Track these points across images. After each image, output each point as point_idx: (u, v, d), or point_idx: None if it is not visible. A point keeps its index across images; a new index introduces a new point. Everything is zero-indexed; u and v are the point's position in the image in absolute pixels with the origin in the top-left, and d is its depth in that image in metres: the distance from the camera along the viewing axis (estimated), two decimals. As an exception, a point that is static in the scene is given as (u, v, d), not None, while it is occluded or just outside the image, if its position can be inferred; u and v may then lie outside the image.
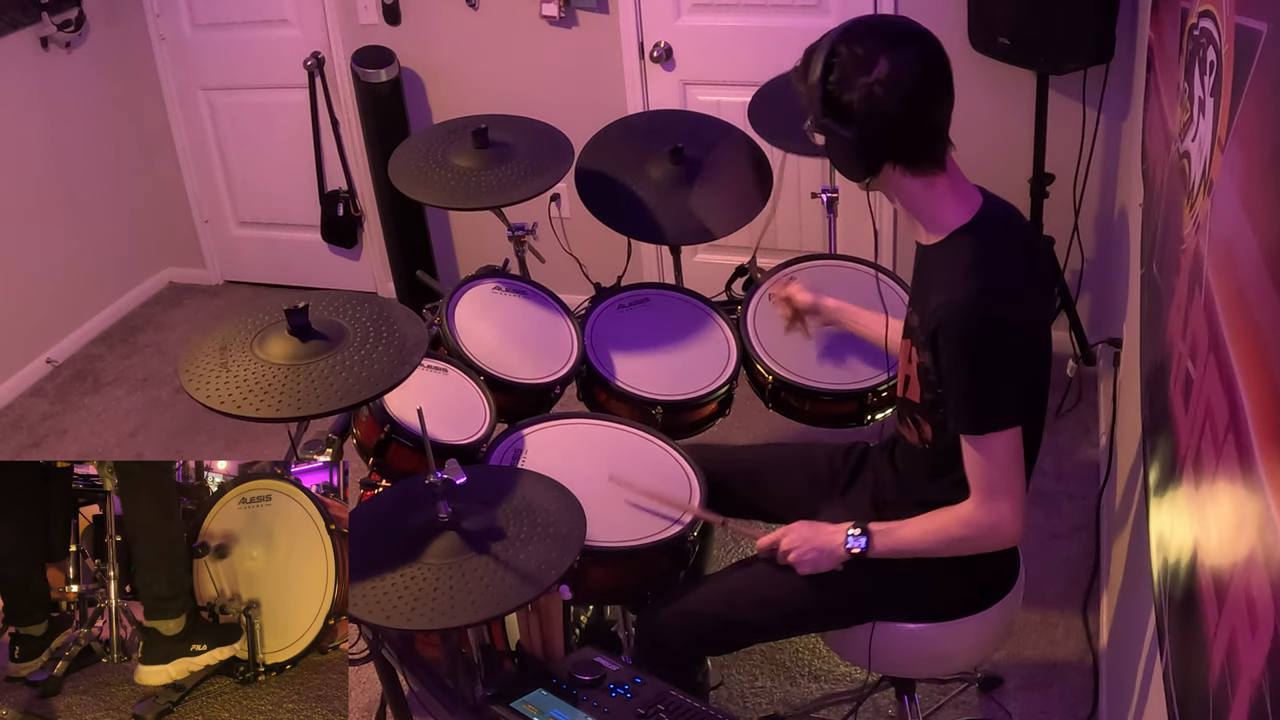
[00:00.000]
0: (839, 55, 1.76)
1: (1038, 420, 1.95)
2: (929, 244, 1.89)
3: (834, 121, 1.78)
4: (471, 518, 1.83)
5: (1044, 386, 1.94)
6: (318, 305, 1.95)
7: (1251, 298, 1.12)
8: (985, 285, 1.77)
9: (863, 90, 1.74)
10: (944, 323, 1.79)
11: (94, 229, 4.49)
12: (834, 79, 1.76)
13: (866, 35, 1.77)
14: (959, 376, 1.80)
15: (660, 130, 2.85)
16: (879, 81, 1.73)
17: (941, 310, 1.79)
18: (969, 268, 1.79)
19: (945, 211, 1.85)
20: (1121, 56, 3.22)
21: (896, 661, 2.12)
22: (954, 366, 1.80)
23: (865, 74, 1.74)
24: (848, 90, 1.75)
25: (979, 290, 1.77)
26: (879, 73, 1.73)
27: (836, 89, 1.76)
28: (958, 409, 1.83)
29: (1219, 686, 1.11)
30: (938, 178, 1.83)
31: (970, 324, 1.77)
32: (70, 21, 4.17)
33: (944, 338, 1.80)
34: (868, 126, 1.77)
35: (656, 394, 2.46)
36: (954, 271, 1.80)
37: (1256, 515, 1.03)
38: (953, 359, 1.80)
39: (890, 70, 1.73)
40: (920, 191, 1.84)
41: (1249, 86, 1.26)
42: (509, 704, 1.72)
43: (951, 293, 1.78)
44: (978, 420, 1.81)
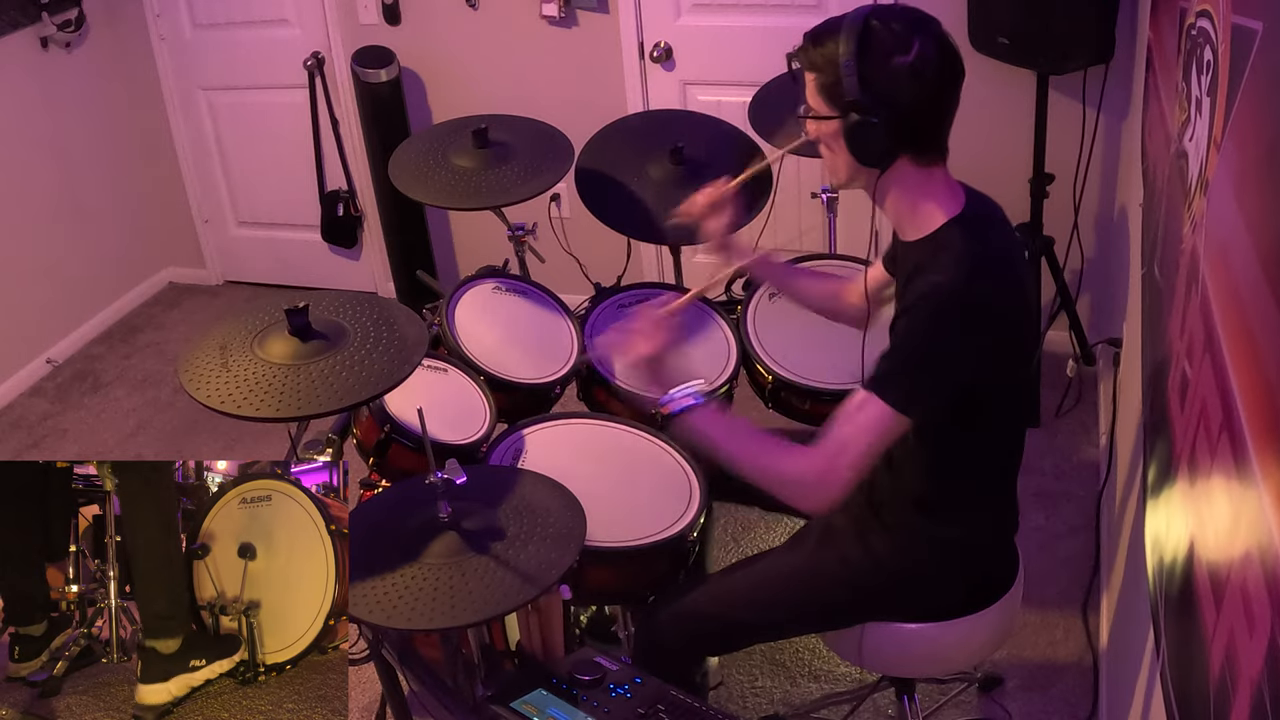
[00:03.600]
0: (873, 33, 1.68)
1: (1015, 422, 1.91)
2: (913, 239, 1.83)
3: (867, 100, 1.69)
4: (471, 518, 1.83)
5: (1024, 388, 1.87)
6: (318, 305, 1.96)
7: (1246, 297, 1.13)
8: (971, 278, 1.71)
9: (900, 70, 1.68)
10: (920, 301, 1.72)
11: (94, 229, 4.49)
12: (869, 57, 1.68)
13: (895, 16, 1.71)
14: (911, 352, 1.72)
15: (660, 130, 2.85)
16: (915, 62, 1.67)
17: (929, 290, 1.72)
18: (958, 259, 1.73)
19: (937, 204, 1.79)
20: (1121, 56, 3.22)
21: (896, 661, 2.12)
22: (909, 343, 1.73)
23: (903, 53, 1.68)
24: (882, 69, 1.67)
25: (964, 281, 1.71)
26: (915, 53, 1.67)
27: (872, 68, 1.68)
28: (888, 372, 1.72)
29: (1219, 686, 1.12)
30: (936, 168, 1.79)
31: (945, 309, 1.71)
32: (70, 21, 4.17)
33: (913, 313, 1.72)
34: (897, 108, 1.70)
35: (656, 394, 2.46)
36: (942, 261, 1.74)
37: (1251, 515, 1.03)
38: (911, 336, 1.72)
39: (922, 51, 1.68)
40: (919, 183, 1.79)
41: (1244, 86, 1.26)
42: (509, 704, 1.72)
43: (944, 274, 1.72)
44: (898, 391, 1.70)
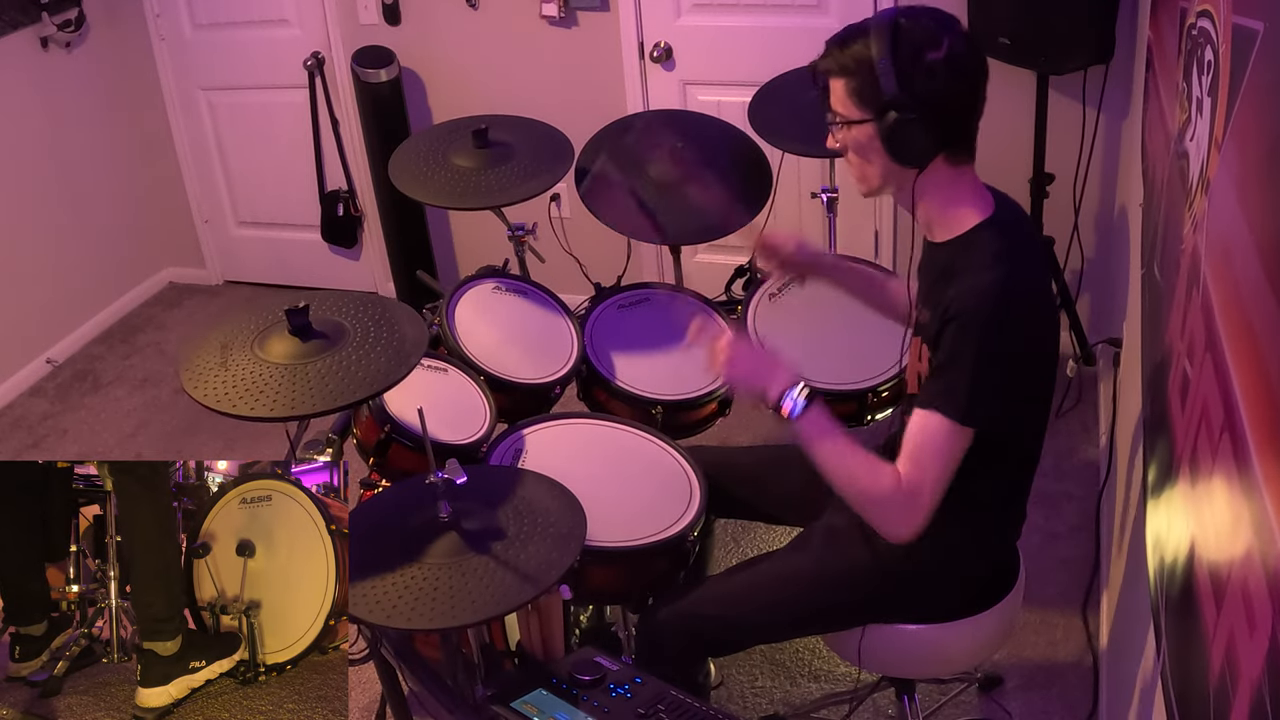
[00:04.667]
0: (904, 30, 1.69)
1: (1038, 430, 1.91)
2: (943, 240, 1.83)
3: (905, 97, 1.68)
4: (472, 518, 1.83)
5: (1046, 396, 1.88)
6: (318, 305, 1.96)
7: (1248, 297, 1.13)
8: (1012, 278, 1.71)
9: (933, 67, 1.68)
10: (966, 308, 1.71)
11: (94, 229, 4.49)
12: (904, 54, 1.68)
13: (922, 14, 1.72)
14: (963, 363, 1.72)
15: (660, 130, 2.85)
16: (948, 58, 1.68)
17: (965, 296, 1.72)
18: (996, 259, 1.73)
19: (969, 205, 1.79)
20: (1121, 56, 3.22)
21: (896, 662, 2.12)
22: (960, 353, 1.73)
23: (935, 49, 1.68)
24: (918, 65, 1.68)
25: (1006, 282, 1.71)
26: (946, 48, 1.68)
27: (906, 65, 1.68)
28: (945, 388, 1.74)
29: (1219, 686, 1.12)
30: (966, 168, 1.79)
31: (992, 314, 1.70)
32: (70, 21, 4.17)
33: (959, 321, 1.72)
34: (935, 104, 1.69)
35: (656, 394, 2.46)
36: (980, 261, 1.73)
37: (1252, 515, 1.03)
38: (961, 346, 1.72)
39: (953, 46, 1.69)
40: (950, 183, 1.79)
41: (1246, 86, 1.26)
42: (509, 704, 1.72)
43: (978, 278, 1.72)
44: (958, 405, 1.72)
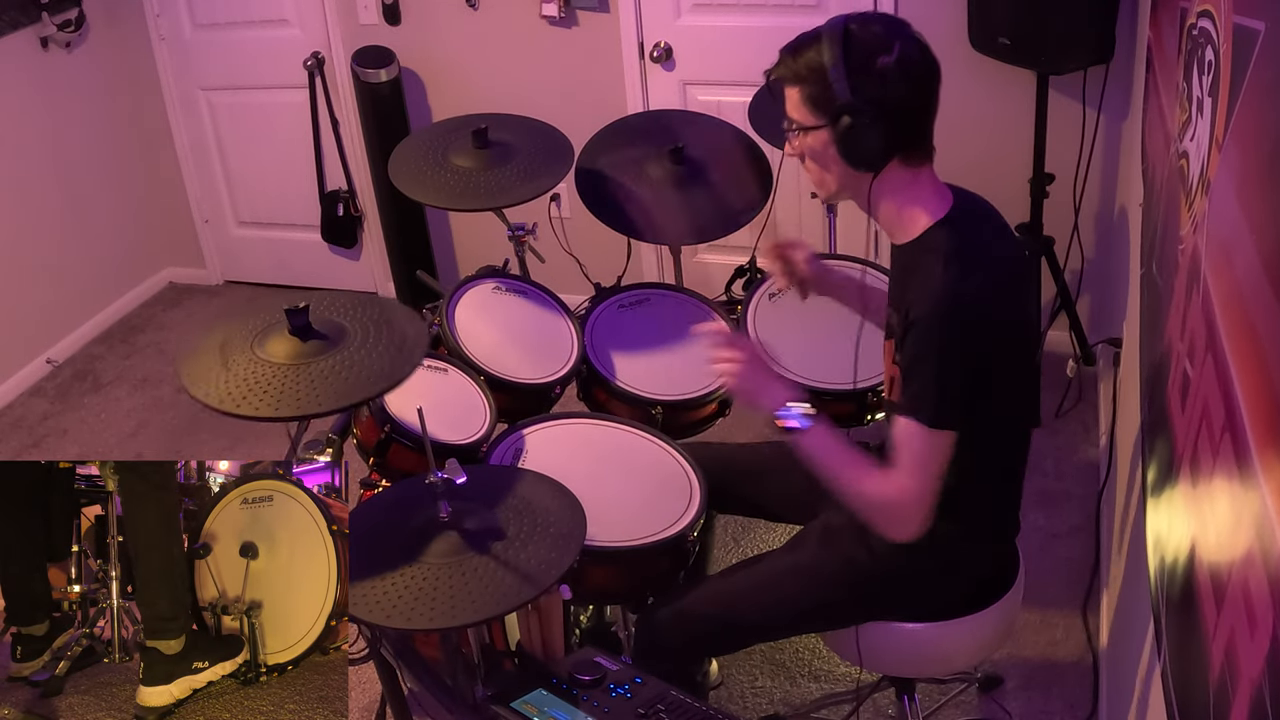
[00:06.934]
0: (854, 36, 1.72)
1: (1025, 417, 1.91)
2: (903, 243, 1.85)
3: (858, 102, 1.71)
4: (472, 518, 1.83)
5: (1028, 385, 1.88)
6: (318, 305, 1.96)
7: (1248, 297, 1.13)
8: (963, 277, 1.73)
9: (885, 71, 1.70)
10: (922, 312, 1.74)
11: (94, 229, 4.49)
12: (855, 59, 1.71)
13: (871, 20, 1.76)
14: (925, 367, 1.75)
15: (660, 130, 2.85)
16: (899, 61, 1.70)
17: (921, 299, 1.75)
18: (947, 260, 1.75)
19: (924, 206, 1.81)
20: (1121, 56, 3.23)
21: (896, 661, 2.12)
22: (921, 357, 1.75)
23: (886, 54, 1.70)
24: (869, 69, 1.71)
25: (956, 282, 1.73)
26: (898, 52, 1.70)
27: (858, 70, 1.71)
28: (915, 394, 1.77)
29: (1219, 686, 1.12)
30: (924, 170, 1.81)
31: (944, 315, 1.73)
32: (70, 21, 4.17)
33: (918, 325, 1.75)
34: (888, 107, 1.72)
35: (656, 394, 2.46)
36: (932, 265, 1.76)
37: (1253, 514, 1.03)
38: (921, 350, 1.75)
39: (904, 49, 1.71)
40: (906, 186, 1.81)
41: (1246, 86, 1.26)
42: (509, 704, 1.72)
43: (929, 283, 1.74)
44: (929, 410, 1.75)
